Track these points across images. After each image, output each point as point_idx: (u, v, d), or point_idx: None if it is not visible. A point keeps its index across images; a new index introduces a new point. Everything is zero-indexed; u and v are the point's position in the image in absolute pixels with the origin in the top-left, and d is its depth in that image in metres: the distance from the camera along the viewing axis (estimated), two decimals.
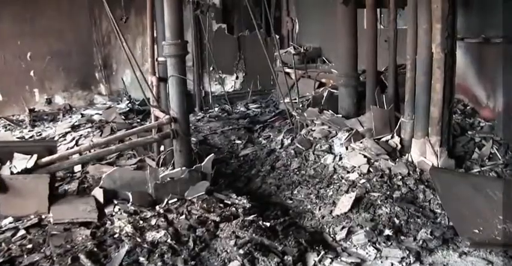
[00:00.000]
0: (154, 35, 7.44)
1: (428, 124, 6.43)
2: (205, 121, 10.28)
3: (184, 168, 6.06)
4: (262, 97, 12.87)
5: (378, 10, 8.16)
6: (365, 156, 6.69)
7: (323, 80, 10.05)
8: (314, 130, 7.76)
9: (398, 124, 7.01)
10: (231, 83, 13.12)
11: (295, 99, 8.89)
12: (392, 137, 7.02)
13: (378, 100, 7.62)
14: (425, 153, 6.47)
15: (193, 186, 5.89)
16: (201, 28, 12.20)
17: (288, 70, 11.01)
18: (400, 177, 6.23)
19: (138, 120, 10.51)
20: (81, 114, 11.54)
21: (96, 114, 10.83)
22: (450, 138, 6.52)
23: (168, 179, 5.89)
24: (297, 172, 7.04)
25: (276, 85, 10.94)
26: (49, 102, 12.20)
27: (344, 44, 7.96)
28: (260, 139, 8.75)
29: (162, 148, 7.10)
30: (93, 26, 12.11)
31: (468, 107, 8.20)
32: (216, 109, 12.10)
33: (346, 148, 7.06)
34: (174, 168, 6.24)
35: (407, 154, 6.71)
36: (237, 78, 13.15)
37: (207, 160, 6.19)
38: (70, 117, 11.58)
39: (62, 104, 12.25)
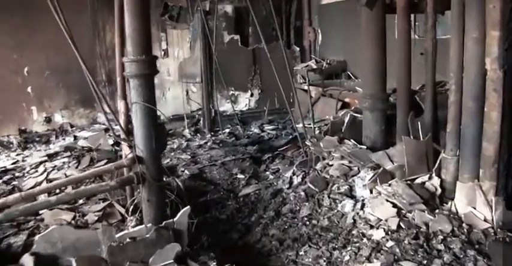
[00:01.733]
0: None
1: (479, 164, 4.77)
2: (207, 148, 8.64)
3: (150, 225, 4.47)
4: (280, 117, 11.24)
5: (412, 16, 6.39)
6: (394, 205, 5.03)
7: (347, 100, 8.37)
8: (331, 166, 6.09)
9: (439, 161, 5.35)
10: (245, 101, 11.59)
11: (311, 124, 7.21)
12: (430, 178, 5.35)
13: (412, 129, 5.91)
14: (474, 201, 4.81)
15: (161, 248, 4.33)
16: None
17: (306, 87, 9.34)
18: (441, 236, 4.53)
19: None
20: (75, 136, 10.13)
21: (85, 138, 9.36)
22: (510, 183, 4.75)
23: (128, 240, 4.30)
24: (307, 222, 5.46)
25: (295, 104, 9.34)
26: (48, 120, 11.04)
27: (369, 58, 6.30)
28: (267, 173, 7.14)
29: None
30: (96, 38, 10.87)
31: None
32: (227, 130, 10.49)
33: (371, 192, 5.42)
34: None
35: (450, 202, 5.06)
36: (251, 95, 11.61)
37: (181, 213, 4.63)
38: (63, 139, 10.19)
39: (62, 123, 11.05)
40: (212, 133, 10.43)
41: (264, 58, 11.13)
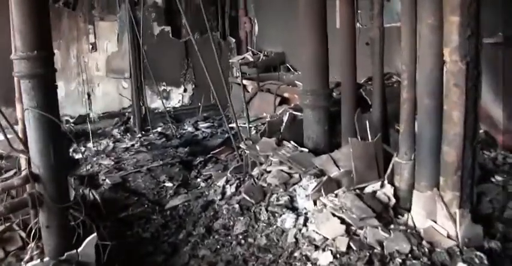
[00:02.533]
0: None
1: (438, 170, 4.02)
2: (133, 152, 7.65)
3: (47, 259, 3.54)
4: (216, 114, 10.32)
5: (355, 2, 5.58)
6: (342, 221, 4.22)
7: (286, 95, 7.57)
8: (269, 172, 5.24)
9: (391, 166, 4.58)
10: (178, 97, 10.64)
11: (248, 121, 6.36)
12: (382, 186, 4.58)
13: (359, 128, 5.13)
14: (434, 213, 4.08)
15: None
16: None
17: (245, 82, 8.47)
18: (398, 259, 3.78)
19: None
20: None
21: None
22: (474, 192, 4.01)
23: None
24: (242, 241, 4.64)
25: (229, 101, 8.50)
26: None
27: (309, 50, 5.47)
28: (198, 180, 6.29)
29: None
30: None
31: (481, 131, 5.71)
32: (159, 129, 9.52)
33: (314, 203, 4.62)
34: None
35: (406, 215, 4.29)
36: (185, 90, 10.72)
37: (86, 243, 3.70)
38: None
39: None
40: (143, 132, 9.45)
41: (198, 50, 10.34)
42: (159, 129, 9.62)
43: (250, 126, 6.44)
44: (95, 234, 3.83)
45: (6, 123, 4.04)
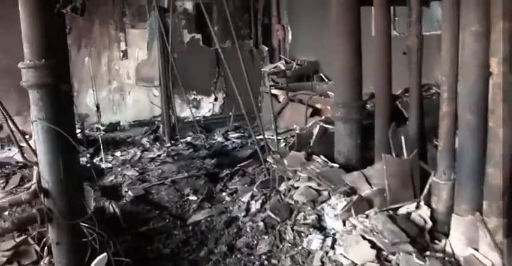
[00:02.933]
0: None
1: (481, 192, 3.62)
2: (159, 162, 7.37)
3: None
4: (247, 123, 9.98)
5: (392, 9, 5.20)
6: (373, 245, 3.84)
7: (318, 106, 7.21)
8: (297, 188, 4.89)
9: (428, 185, 4.18)
10: (209, 106, 10.35)
11: (276, 133, 6.02)
12: (417, 207, 4.18)
13: (394, 143, 4.73)
14: (476, 241, 3.67)
15: None
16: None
17: (275, 91, 8.14)
18: None
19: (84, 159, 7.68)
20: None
21: None
22: None
23: None
24: (266, 261, 4.37)
25: (262, 111, 8.23)
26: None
27: (341, 60, 5.12)
28: (224, 194, 6.00)
29: None
30: None
31: None
32: (188, 139, 9.25)
33: (344, 224, 4.24)
34: None
35: (443, 240, 3.88)
36: (215, 99, 10.43)
37: (95, 263, 3.37)
38: (9, 149, 8.91)
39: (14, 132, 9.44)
40: (172, 142, 9.20)
41: (229, 59, 10.05)
42: (188, 139, 9.37)
43: (279, 138, 6.10)
44: (104, 254, 3.56)
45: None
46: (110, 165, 7.76)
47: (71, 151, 3.60)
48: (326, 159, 5.22)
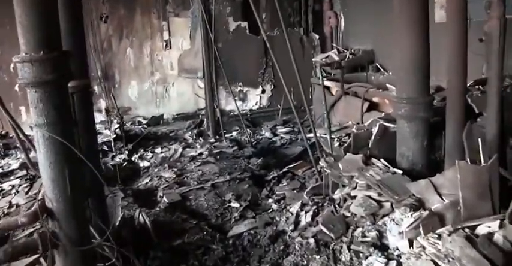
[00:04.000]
0: None
1: None
2: (200, 162, 6.79)
3: None
4: (298, 116, 9.32)
5: None
6: None
7: (375, 99, 6.49)
8: (354, 197, 4.23)
9: None
10: (256, 99, 9.71)
11: (329, 132, 5.34)
12: (501, 226, 3.45)
13: (469, 147, 4.01)
14: None
15: None
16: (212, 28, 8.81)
17: (327, 83, 7.44)
18: None
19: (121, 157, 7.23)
20: None
21: None
22: None
23: None
24: None
25: (312, 105, 7.55)
26: None
27: (406, 50, 4.41)
28: (270, 201, 5.35)
29: None
30: (89, 28, 9.02)
31: None
32: (234, 134, 8.69)
33: (410, 244, 3.57)
34: None
35: None
36: (263, 92, 9.77)
37: None
38: None
39: None
40: (217, 137, 8.65)
41: (278, 48, 9.39)
42: (234, 134, 8.83)
43: (333, 137, 5.42)
44: None
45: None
46: (148, 164, 7.26)
47: (78, 164, 2.97)
48: (387, 164, 4.55)
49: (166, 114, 9.87)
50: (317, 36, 9.78)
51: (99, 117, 9.42)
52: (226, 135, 8.79)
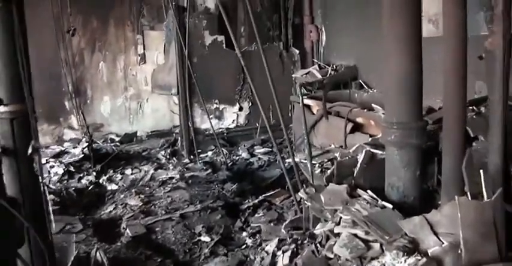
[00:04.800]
0: None
1: None
2: (170, 188, 6.18)
3: None
4: (277, 136, 8.75)
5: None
6: None
7: (359, 120, 5.94)
8: (337, 235, 3.66)
9: None
10: (233, 117, 9.15)
11: (309, 158, 4.76)
12: None
13: (469, 179, 3.47)
14: None
15: None
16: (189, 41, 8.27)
17: (308, 101, 6.91)
18: None
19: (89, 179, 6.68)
20: None
21: None
22: None
23: None
24: None
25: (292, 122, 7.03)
26: None
27: (396, 67, 3.89)
28: (244, 234, 4.78)
29: None
30: (60, 41, 8.40)
31: None
32: (209, 153, 8.13)
33: None
34: None
35: None
36: (240, 109, 9.21)
37: None
38: None
39: None
40: (191, 157, 8.07)
41: (256, 64, 8.87)
42: (209, 154, 8.29)
43: (314, 162, 4.86)
44: None
45: None
46: (116, 187, 6.67)
47: (11, 202, 2.38)
48: (374, 196, 3.99)
49: (140, 131, 9.29)
50: (297, 51, 9.26)
51: (69, 134, 8.86)
52: (202, 155, 8.22)
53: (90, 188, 6.66)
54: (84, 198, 5.93)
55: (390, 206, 3.80)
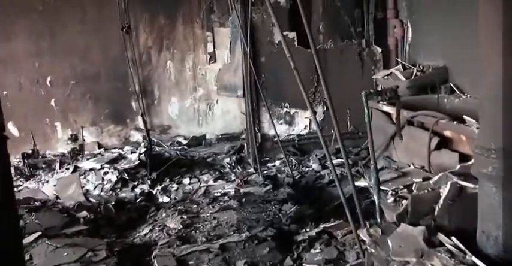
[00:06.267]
0: None
1: None
2: (218, 207, 5.26)
3: None
4: (353, 144, 7.77)
5: None
6: None
7: (447, 133, 4.78)
8: None
9: None
10: (305, 122, 8.14)
11: (377, 187, 3.68)
12: None
13: None
14: None
15: None
16: (254, 40, 7.38)
17: (387, 108, 5.81)
18: None
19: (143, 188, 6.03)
20: (75, 166, 7.27)
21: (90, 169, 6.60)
22: None
23: None
24: None
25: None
26: (74, 139, 8.32)
27: (496, 70, 2.70)
28: None
29: None
30: (127, 40, 7.98)
31: None
32: (277, 163, 7.20)
33: None
34: None
35: None
36: (314, 114, 8.06)
37: None
38: (67, 168, 7.43)
39: (83, 143, 8.27)
40: (256, 166, 7.18)
41: (332, 63, 7.82)
42: (277, 163, 7.34)
43: (385, 189, 3.78)
44: None
45: None
46: (167, 199, 5.90)
47: None
48: (462, 246, 2.87)
49: (209, 134, 8.54)
50: (379, 49, 8.06)
51: (136, 136, 8.37)
52: (270, 164, 7.32)
53: (139, 199, 5.89)
54: (124, 214, 5.16)
55: (482, 265, 2.68)
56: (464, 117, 4.62)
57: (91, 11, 7.82)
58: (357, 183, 4.18)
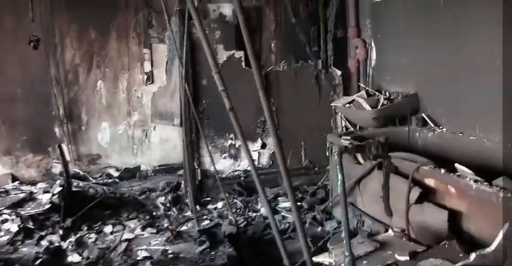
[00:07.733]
0: None
1: None
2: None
3: None
4: (309, 181, 6.71)
5: None
6: None
7: (429, 182, 3.70)
8: None
9: None
10: (253, 156, 7.06)
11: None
12: None
13: None
14: None
15: None
16: (195, 59, 6.31)
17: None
18: None
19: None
20: None
21: None
22: None
23: None
24: None
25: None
26: None
27: None
28: None
29: None
30: (50, 56, 6.90)
31: None
32: (220, 205, 6.08)
33: None
34: None
35: None
36: (263, 146, 7.13)
37: None
38: None
39: (1, 175, 7.04)
40: (197, 207, 6.04)
41: (285, 87, 6.82)
42: (219, 205, 6.19)
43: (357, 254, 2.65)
44: None
45: None
46: (79, 258, 4.68)
47: None
48: None
49: (144, 164, 7.47)
50: (339, 72, 7.07)
51: (59, 167, 7.09)
52: (210, 206, 6.22)
53: (41, 259, 4.62)
54: None
55: None
56: (456, 165, 3.56)
57: (7, 20, 6.69)
58: (317, 259, 3.04)
